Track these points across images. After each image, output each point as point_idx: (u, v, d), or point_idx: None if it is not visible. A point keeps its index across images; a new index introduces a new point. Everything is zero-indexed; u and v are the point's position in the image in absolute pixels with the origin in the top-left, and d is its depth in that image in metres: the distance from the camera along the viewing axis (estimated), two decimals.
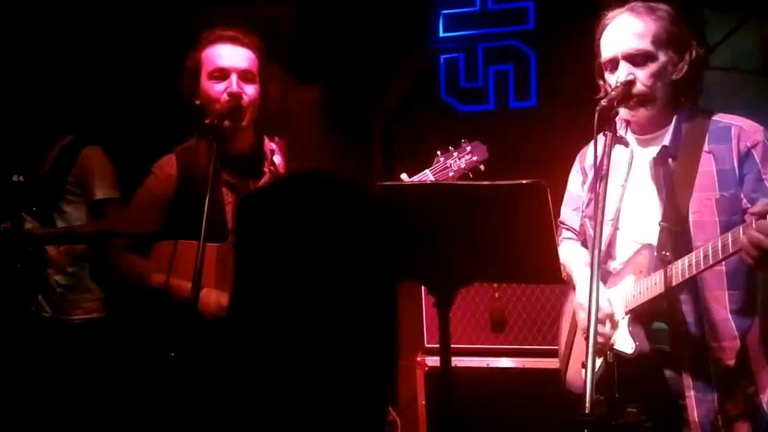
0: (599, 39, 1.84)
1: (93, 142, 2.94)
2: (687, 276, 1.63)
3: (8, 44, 3.24)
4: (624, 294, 1.80)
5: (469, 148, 2.03)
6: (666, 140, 1.81)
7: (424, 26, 3.46)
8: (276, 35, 2.17)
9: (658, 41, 1.76)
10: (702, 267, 1.59)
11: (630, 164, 1.88)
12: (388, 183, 1.43)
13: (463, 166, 2.01)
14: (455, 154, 2.03)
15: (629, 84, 1.75)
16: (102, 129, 3.14)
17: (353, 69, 3.57)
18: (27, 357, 2.89)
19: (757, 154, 1.72)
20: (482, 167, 2.02)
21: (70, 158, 2.85)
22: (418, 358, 2.91)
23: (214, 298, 1.96)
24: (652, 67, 1.76)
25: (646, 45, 1.75)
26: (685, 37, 1.79)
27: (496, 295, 2.88)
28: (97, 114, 3.34)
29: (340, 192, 0.98)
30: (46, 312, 2.85)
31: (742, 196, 1.72)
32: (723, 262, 1.66)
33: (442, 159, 2.04)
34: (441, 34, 3.45)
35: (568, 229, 2.13)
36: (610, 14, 1.83)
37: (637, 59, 1.76)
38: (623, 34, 1.78)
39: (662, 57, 1.76)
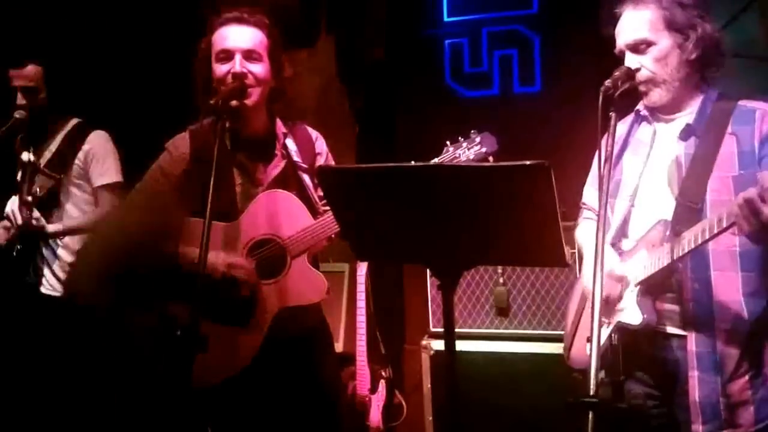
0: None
1: (100, 125, 2.96)
2: (692, 247, 1.63)
3: (18, 26, 3.25)
4: (635, 267, 1.81)
5: (478, 139, 2.02)
6: (691, 119, 1.83)
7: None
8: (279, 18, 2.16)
9: (655, 27, 1.80)
10: (714, 232, 1.58)
11: (652, 141, 1.90)
12: (393, 165, 1.43)
13: (471, 156, 2.01)
14: (464, 144, 2.03)
15: (634, 73, 1.81)
16: (111, 112, 3.16)
17: (356, 55, 3.59)
18: (38, 337, 2.94)
19: None
20: (491, 158, 2.01)
21: (77, 142, 2.87)
22: (424, 342, 2.93)
23: (222, 257, 1.99)
24: (654, 52, 1.80)
25: (642, 34, 1.81)
26: (689, 16, 1.80)
27: (501, 280, 2.89)
28: (106, 96, 3.36)
29: None
30: (57, 292, 2.88)
31: (759, 176, 1.71)
32: (737, 244, 1.67)
33: (451, 149, 2.04)
34: (445, 18, 3.44)
35: (588, 209, 2.14)
36: (618, 9, 1.88)
37: (638, 48, 1.82)
38: (624, 28, 1.86)
39: (665, 41, 1.80)
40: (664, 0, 1.81)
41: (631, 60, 1.83)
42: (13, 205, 2.69)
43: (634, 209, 1.88)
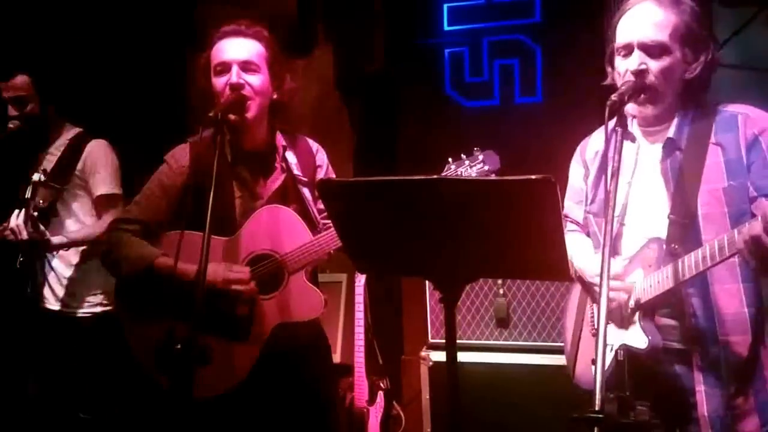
0: (617, 22, 1.79)
1: (100, 134, 2.94)
2: (700, 269, 1.61)
3: (15, 36, 3.24)
4: (633, 288, 1.79)
5: (481, 157, 2.01)
6: (671, 133, 1.79)
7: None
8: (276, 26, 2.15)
9: (677, 36, 1.72)
10: (717, 260, 1.57)
11: (636, 159, 1.86)
12: (395, 178, 1.41)
13: (474, 174, 1.99)
14: (467, 162, 2.01)
15: (640, 75, 1.71)
16: (112, 121, 3.15)
17: (354, 64, 3.57)
18: (34, 350, 2.92)
19: (763, 141, 1.69)
20: (494, 176, 2.00)
21: (77, 151, 2.85)
22: (423, 353, 2.91)
23: (222, 271, 1.97)
24: (666, 61, 1.72)
25: (663, 37, 1.71)
26: (704, 36, 1.75)
27: (501, 291, 2.88)
28: (106, 106, 3.35)
29: None
30: (53, 305, 2.86)
31: (749, 184, 1.69)
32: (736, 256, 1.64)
33: (453, 166, 2.02)
34: (446, 27, 3.42)
35: (572, 222, 2.11)
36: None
37: (652, 50, 1.72)
38: (643, 21, 1.73)
39: (678, 53, 1.73)
40: (689, 10, 1.73)
41: (636, 59, 1.72)
42: (17, 219, 2.68)
43: (624, 228, 1.85)
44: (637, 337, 1.74)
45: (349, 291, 3.35)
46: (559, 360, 2.56)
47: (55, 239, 2.73)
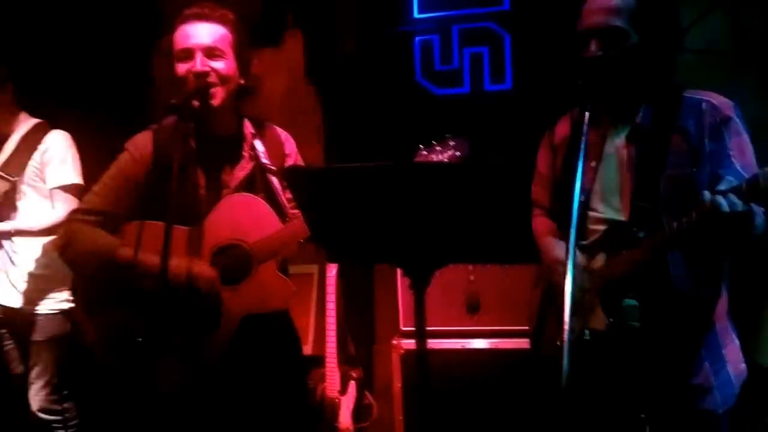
0: (581, 8, 1.80)
1: (60, 126, 2.89)
2: (658, 252, 1.64)
3: None
4: (596, 272, 1.81)
5: (452, 143, 2.01)
6: (638, 118, 1.81)
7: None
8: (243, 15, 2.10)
9: (633, 20, 1.72)
10: (675, 243, 1.60)
11: (602, 144, 1.88)
12: (362, 164, 1.40)
13: (446, 161, 1.99)
14: (438, 148, 2.00)
15: (599, 60, 1.71)
16: (71, 112, 3.08)
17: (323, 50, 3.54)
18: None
19: (726, 130, 1.72)
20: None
21: (34, 142, 2.80)
22: (394, 341, 2.92)
23: (184, 265, 1.92)
24: (626, 46, 1.72)
25: (620, 23, 1.72)
26: (662, 18, 1.76)
27: (471, 277, 2.89)
28: (65, 97, 3.28)
29: None
30: (15, 303, 2.79)
31: (710, 172, 1.71)
32: (689, 240, 1.67)
33: (425, 152, 2.02)
34: (415, 14, 3.41)
35: (539, 207, 2.13)
36: None
37: (609, 36, 1.72)
38: (598, 7, 1.75)
39: (635, 36, 1.73)
40: None
41: (595, 45, 1.72)
42: None
43: (589, 212, 1.87)
44: (598, 319, 1.77)
45: (321, 283, 3.33)
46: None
47: (2, 225, 2.69)
